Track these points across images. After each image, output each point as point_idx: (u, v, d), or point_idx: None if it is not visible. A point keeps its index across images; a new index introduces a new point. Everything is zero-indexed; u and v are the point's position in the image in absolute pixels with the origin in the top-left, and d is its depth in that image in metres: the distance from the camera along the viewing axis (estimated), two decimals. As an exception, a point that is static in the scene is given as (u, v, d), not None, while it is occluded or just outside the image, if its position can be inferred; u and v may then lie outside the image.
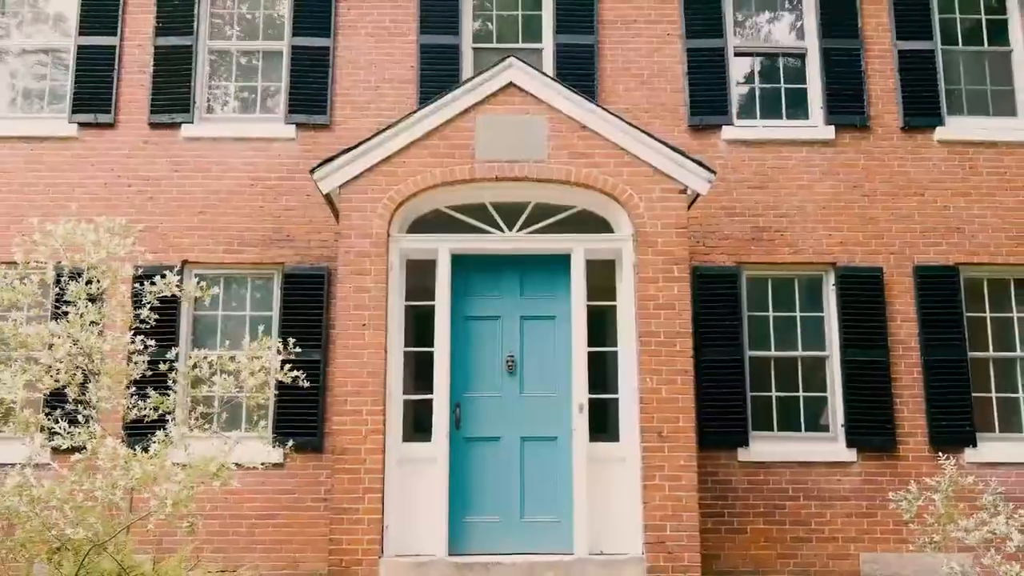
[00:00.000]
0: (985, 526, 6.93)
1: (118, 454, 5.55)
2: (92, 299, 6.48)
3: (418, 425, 7.55)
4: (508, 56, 7.79)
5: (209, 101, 9.39)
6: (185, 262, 8.72)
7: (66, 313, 6.29)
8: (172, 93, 9.14)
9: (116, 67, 9.18)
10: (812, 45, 9.45)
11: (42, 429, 6.15)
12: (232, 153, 9.05)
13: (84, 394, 6.18)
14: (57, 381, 6.20)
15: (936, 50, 9.41)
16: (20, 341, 6.33)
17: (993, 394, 8.90)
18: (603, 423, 7.63)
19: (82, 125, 9.08)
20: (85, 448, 5.75)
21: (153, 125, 9.08)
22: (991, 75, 9.55)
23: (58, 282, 6.72)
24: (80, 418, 6.05)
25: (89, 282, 6.54)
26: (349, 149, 7.53)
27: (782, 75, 9.54)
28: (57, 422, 5.90)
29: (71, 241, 6.59)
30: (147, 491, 5.81)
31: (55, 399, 6.46)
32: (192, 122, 9.09)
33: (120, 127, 9.09)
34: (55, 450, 6.18)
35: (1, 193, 8.89)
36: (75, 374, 6.22)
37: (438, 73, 9.17)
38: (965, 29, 9.62)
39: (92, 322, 6.31)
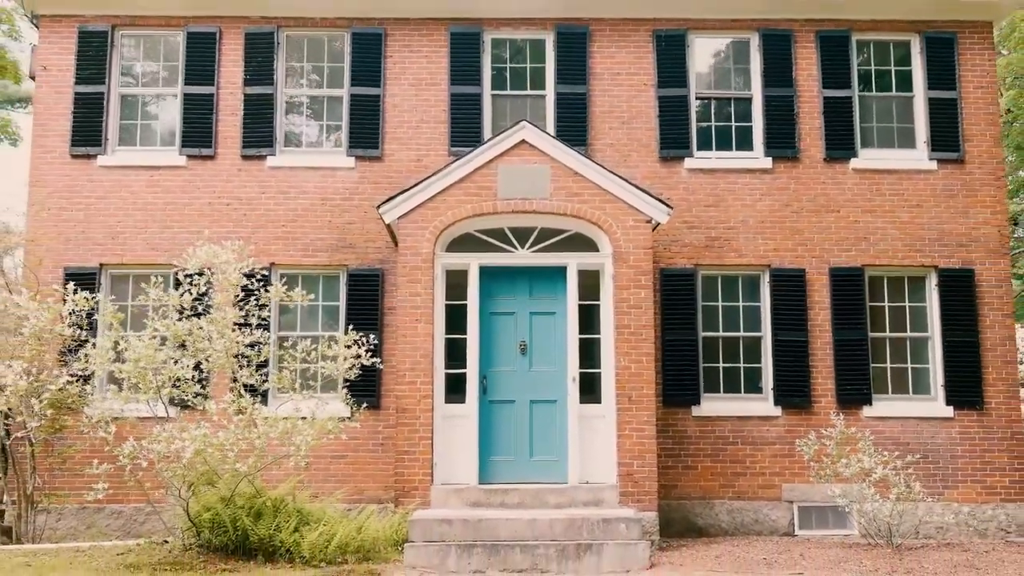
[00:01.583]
0: (858, 463, 9.67)
1: (269, 415, 8.27)
2: (234, 304, 9.15)
3: (455, 391, 10.10)
4: (521, 120, 10.27)
5: (286, 137, 11.88)
6: (273, 264, 11.27)
7: (199, 312, 8.94)
8: (258, 131, 11.60)
9: (214, 111, 11.68)
10: (756, 92, 11.85)
11: (204, 397, 8.86)
12: (306, 179, 11.55)
13: (237, 374, 8.90)
14: (209, 362, 8.92)
15: (854, 96, 11.82)
16: (175, 333, 8.99)
17: (888, 365, 11.50)
18: (590, 390, 10.18)
19: (189, 157, 11.57)
20: (243, 411, 8.46)
21: (244, 157, 11.57)
22: (897, 115, 11.96)
23: (186, 284, 9.19)
24: (232, 389, 8.77)
25: (224, 289, 9.20)
26: (404, 191, 10.06)
27: (732, 116, 11.97)
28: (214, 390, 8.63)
29: (208, 259, 9.22)
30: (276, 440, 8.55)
31: (200, 373, 9.12)
32: (274, 154, 11.58)
33: (219, 158, 11.59)
34: (186, 406, 8.93)
35: (130, 209, 11.44)
36: (220, 358, 8.92)
37: (464, 115, 11.64)
38: (878, 78, 12.02)
39: (229, 321, 8.99)
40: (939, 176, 11.64)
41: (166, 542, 9.23)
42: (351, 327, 9.99)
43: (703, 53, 12.05)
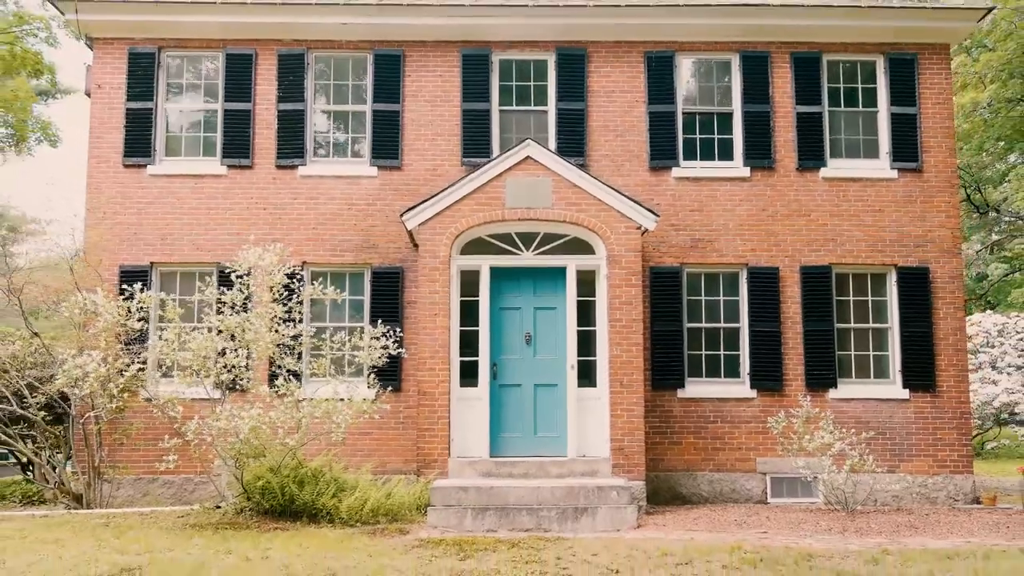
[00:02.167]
0: (820, 439, 11.05)
1: (312, 397, 9.67)
2: (271, 292, 10.51)
3: (469, 376, 11.44)
4: (527, 139, 11.57)
5: (315, 148, 13.17)
6: (304, 262, 12.59)
7: (245, 307, 10.31)
8: (290, 143, 12.89)
9: (251, 125, 12.97)
10: (737, 108, 13.12)
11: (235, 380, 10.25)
12: (333, 186, 12.86)
13: (280, 362, 10.29)
14: (257, 351, 10.29)
15: (824, 112, 13.11)
16: (227, 326, 10.36)
17: (852, 352, 12.85)
18: (587, 375, 11.54)
19: (229, 166, 12.87)
20: (288, 394, 9.85)
21: (278, 166, 12.87)
22: (863, 128, 13.23)
23: (229, 282, 10.58)
24: (281, 377, 10.16)
25: (271, 289, 10.57)
26: (424, 201, 11.39)
27: (715, 129, 13.25)
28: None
29: (255, 261, 10.57)
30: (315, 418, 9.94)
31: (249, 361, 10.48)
32: (305, 164, 12.89)
33: (255, 168, 12.89)
34: (232, 389, 10.31)
35: (176, 214, 12.75)
36: (269, 348, 10.30)
37: (475, 129, 12.92)
38: (846, 95, 13.28)
39: (277, 317, 10.37)
40: (899, 184, 12.94)
41: (219, 507, 10.62)
42: (379, 320, 11.39)
43: (689, 72, 13.32)
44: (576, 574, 7.34)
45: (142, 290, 10.60)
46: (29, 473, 13.34)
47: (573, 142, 12.84)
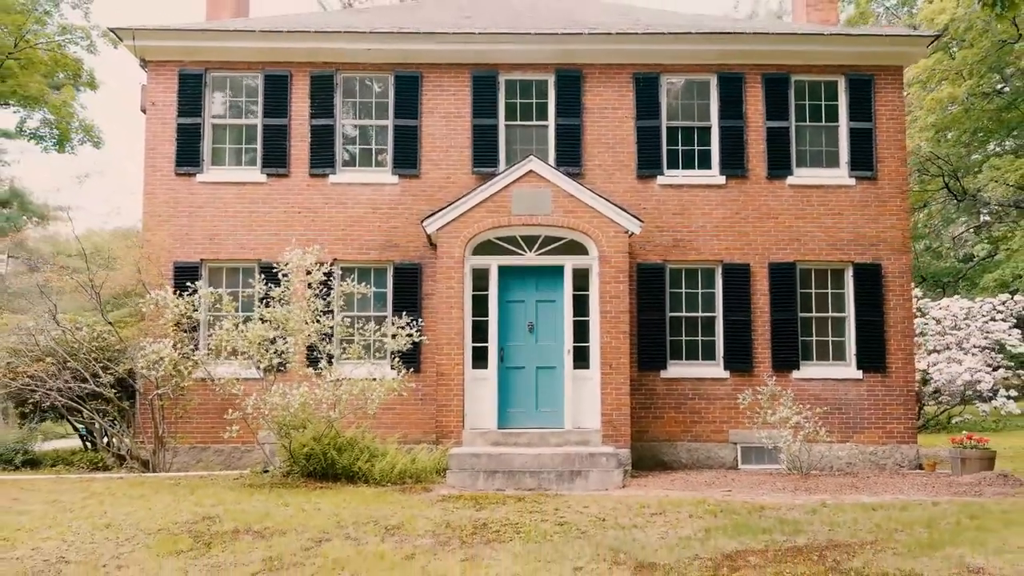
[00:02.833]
0: (779, 413, 12.82)
1: (350, 377, 11.45)
2: (311, 289, 12.25)
3: (480, 359, 13.12)
4: (530, 155, 13.26)
5: (344, 158, 14.85)
6: (335, 259, 14.26)
7: (269, 300, 12.06)
8: (321, 154, 14.57)
9: (287, 138, 14.66)
10: (714, 123, 14.77)
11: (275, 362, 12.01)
12: (359, 192, 14.56)
13: (319, 347, 12.05)
14: (302, 338, 12.05)
15: (791, 126, 14.76)
16: (275, 317, 12.11)
17: (813, 338, 14.58)
18: (581, 359, 13.23)
19: (268, 174, 14.56)
20: (329, 375, 11.63)
21: (311, 175, 14.55)
22: (825, 141, 14.90)
23: (271, 276, 12.33)
24: (322, 360, 11.93)
25: (310, 285, 12.31)
26: (441, 209, 13.09)
27: (695, 142, 14.92)
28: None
29: (298, 261, 12.31)
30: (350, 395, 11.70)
31: (294, 347, 12.25)
32: (335, 172, 14.58)
33: (291, 176, 14.57)
34: (278, 370, 12.08)
35: (222, 216, 14.44)
36: (311, 336, 12.07)
37: (483, 142, 14.57)
38: (811, 111, 14.94)
39: (318, 309, 12.12)
40: (857, 190, 14.64)
41: (266, 471, 12.40)
42: (402, 311, 13.18)
43: (672, 91, 14.97)
44: (571, 521, 9.12)
45: (193, 283, 12.37)
46: (88, 443, 15.09)
47: (570, 153, 14.53)
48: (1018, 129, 35.83)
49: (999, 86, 33.14)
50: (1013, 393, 24.19)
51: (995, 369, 24.11)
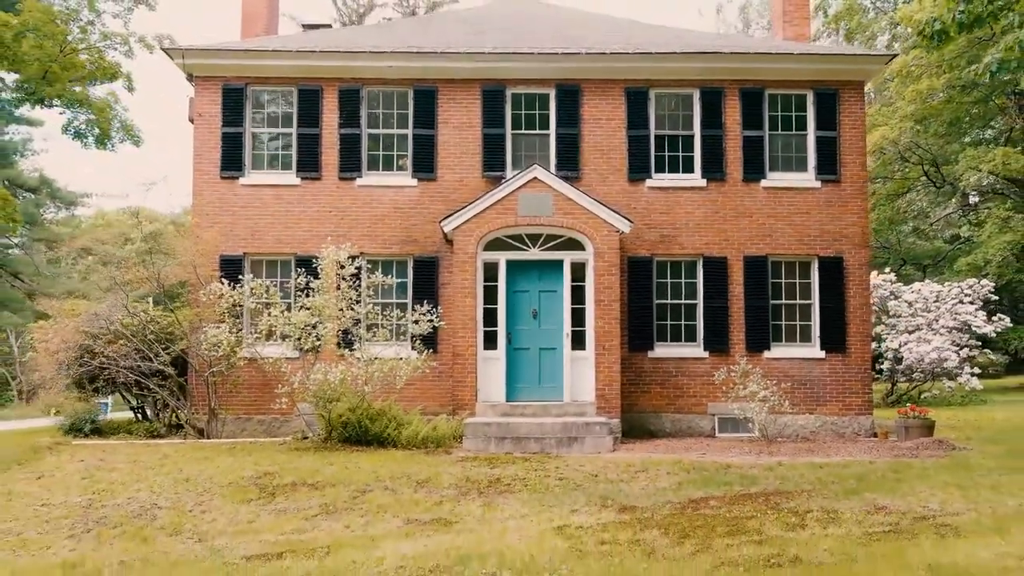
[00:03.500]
0: (748, 388, 14.70)
1: (380, 357, 13.34)
2: (345, 282, 14.08)
3: (491, 341, 14.89)
4: (534, 161, 15.08)
5: (369, 163, 16.62)
6: (362, 252, 15.95)
7: (309, 290, 13.93)
8: (350, 160, 16.34)
9: (319, 145, 16.44)
10: (697, 132, 16.51)
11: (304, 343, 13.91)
12: (383, 194, 16.33)
13: (351, 330, 13.93)
14: (336, 323, 13.93)
15: (765, 135, 16.51)
16: (315, 305, 13.97)
17: (783, 322, 16.38)
18: (578, 341, 15.00)
19: (303, 178, 16.34)
20: (362, 356, 13.51)
21: (340, 178, 16.33)
22: (795, 148, 16.67)
23: (306, 267, 14.18)
24: (356, 342, 13.81)
25: (344, 278, 14.15)
26: (456, 211, 14.85)
27: (680, 148, 16.69)
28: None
29: (332, 256, 14.15)
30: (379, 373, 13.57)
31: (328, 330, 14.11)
32: (361, 176, 16.35)
33: (323, 180, 16.34)
34: (315, 351, 13.96)
35: (262, 215, 16.19)
36: (345, 321, 13.94)
37: (492, 149, 16.32)
38: (783, 121, 16.68)
39: (350, 298, 13.98)
40: (822, 192, 16.41)
41: (306, 438, 14.27)
42: (423, 299, 15.03)
43: (659, 104, 16.67)
44: (568, 477, 11.00)
45: (237, 274, 14.26)
46: (138, 414, 16.94)
47: (569, 159, 16.32)
48: (994, 120, 37.60)
49: (976, 76, 34.72)
50: (977, 371, 26.05)
51: (962, 348, 25.96)
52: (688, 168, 16.57)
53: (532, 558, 6.90)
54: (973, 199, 41.30)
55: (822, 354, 16.14)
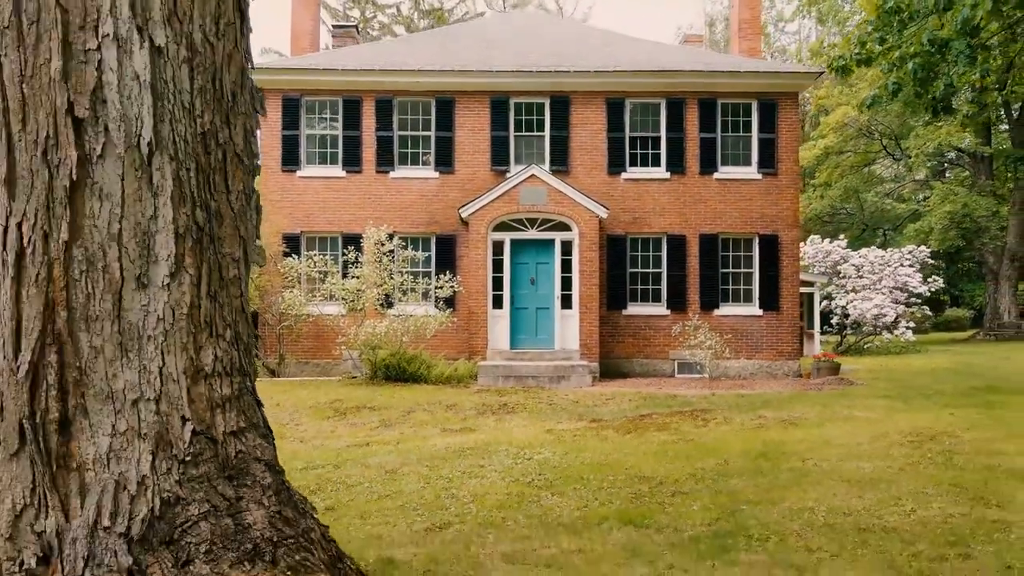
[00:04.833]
0: (698, 338, 18.59)
1: (416, 315, 17.24)
2: (386, 256, 17.93)
3: (497, 303, 18.60)
4: (532, 159, 18.82)
5: (399, 159, 20.31)
6: (395, 232, 19.76)
7: (357, 263, 17.79)
8: (384, 157, 20.03)
9: (360, 145, 20.12)
10: (662, 134, 20.12)
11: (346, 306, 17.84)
12: (411, 184, 20.04)
13: (390, 294, 17.82)
14: (378, 288, 17.78)
15: (717, 136, 20.14)
16: (363, 274, 17.82)
17: (730, 287, 20.16)
18: (567, 302, 18.76)
19: (347, 171, 20.02)
20: (400, 314, 17.41)
21: (377, 172, 20.00)
22: (742, 147, 20.33)
23: (352, 243, 18.01)
24: (395, 303, 17.69)
25: (384, 253, 17.99)
26: (472, 200, 18.56)
27: (649, 147, 20.39)
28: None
29: (375, 235, 17.97)
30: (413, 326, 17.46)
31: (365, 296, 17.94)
32: (393, 170, 20.03)
33: (363, 173, 20.03)
34: (360, 310, 17.83)
35: (315, 201, 19.89)
36: (385, 287, 17.80)
37: (498, 148, 19.93)
38: (732, 124, 20.35)
39: (389, 269, 17.84)
40: (763, 183, 20.11)
41: (354, 377, 18.12)
42: (445, 270, 18.85)
43: (633, 111, 20.28)
44: (556, 403, 14.86)
45: (296, 248, 18.06)
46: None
47: (560, 157, 19.99)
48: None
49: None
50: (912, 324, 29.90)
51: (907, 306, 29.70)
52: (656, 163, 20.17)
53: (529, 443, 10.80)
54: (922, 174, 44.70)
55: (760, 312, 19.93)
